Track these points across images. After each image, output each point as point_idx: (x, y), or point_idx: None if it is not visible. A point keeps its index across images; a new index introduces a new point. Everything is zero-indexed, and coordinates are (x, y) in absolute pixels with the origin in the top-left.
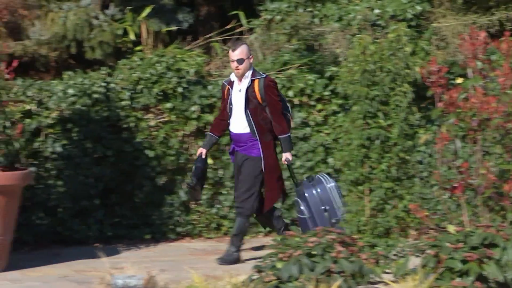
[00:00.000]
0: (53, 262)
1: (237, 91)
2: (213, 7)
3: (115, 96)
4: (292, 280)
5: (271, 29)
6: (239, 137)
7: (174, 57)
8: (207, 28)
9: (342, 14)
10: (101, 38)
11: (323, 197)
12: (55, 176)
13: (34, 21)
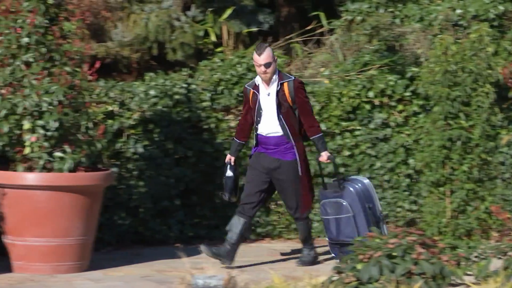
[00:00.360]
0: (134, 262)
1: (265, 95)
2: (294, 8)
3: (196, 97)
4: (372, 282)
5: (352, 29)
6: (270, 140)
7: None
8: (288, 29)
9: (423, 14)
10: (183, 40)
11: (366, 194)
12: (137, 176)
13: (117, 23)
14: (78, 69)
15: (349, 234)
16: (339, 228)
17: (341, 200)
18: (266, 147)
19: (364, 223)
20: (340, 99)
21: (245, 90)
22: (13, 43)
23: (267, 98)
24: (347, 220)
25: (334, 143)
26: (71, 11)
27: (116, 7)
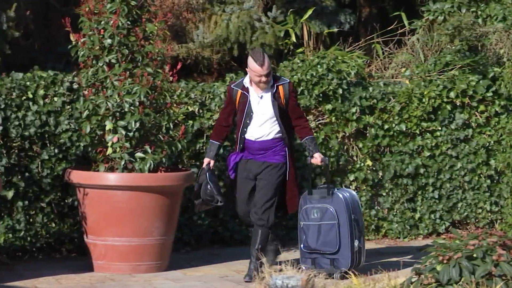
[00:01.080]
0: (213, 262)
1: (257, 98)
2: (375, 8)
3: None
4: (452, 283)
5: (433, 30)
6: (259, 144)
7: (335, 59)
8: (368, 30)
9: (506, 14)
10: (263, 40)
11: (353, 205)
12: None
13: (198, 24)
14: (160, 70)
15: (329, 244)
16: (319, 236)
17: (328, 206)
18: (253, 152)
19: (347, 235)
20: (421, 99)
21: (231, 90)
22: (96, 45)
23: (260, 100)
24: (330, 227)
25: (414, 143)
26: (153, 12)
27: (198, 8)
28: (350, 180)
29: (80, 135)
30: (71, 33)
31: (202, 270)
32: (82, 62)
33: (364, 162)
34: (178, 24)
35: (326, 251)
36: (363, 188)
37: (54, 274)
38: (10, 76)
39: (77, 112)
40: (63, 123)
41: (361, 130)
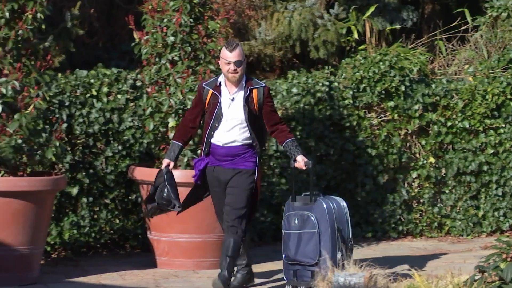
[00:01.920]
0: (275, 259)
1: (228, 100)
2: (438, 5)
3: (338, 95)
4: None
5: (497, 26)
6: (227, 150)
7: (398, 56)
8: (431, 26)
9: None
10: (325, 37)
11: (338, 215)
12: (278, 174)
13: (260, 22)
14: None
15: (308, 254)
16: (299, 245)
17: (309, 213)
18: (220, 158)
19: (328, 245)
20: (484, 96)
21: (202, 88)
22: (159, 42)
23: (231, 103)
24: (310, 236)
25: (477, 140)
26: (215, 10)
27: (260, 5)
28: (412, 178)
29: (144, 132)
30: (134, 31)
31: (265, 266)
32: (145, 60)
33: (426, 160)
34: (240, 22)
35: (306, 262)
36: (425, 185)
37: (118, 270)
38: (74, 74)
39: (140, 109)
40: (126, 120)
41: (424, 127)
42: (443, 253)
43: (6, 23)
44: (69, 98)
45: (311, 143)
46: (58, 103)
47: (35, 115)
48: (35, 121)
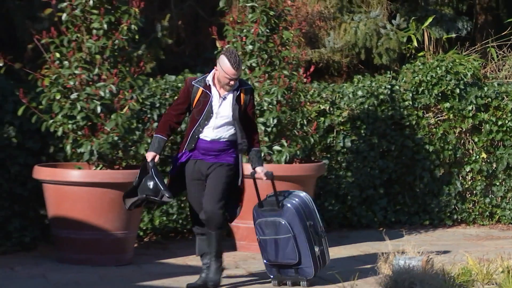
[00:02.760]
0: (342, 244)
1: (219, 98)
2: (490, 16)
3: (398, 97)
4: None
5: None
6: (214, 145)
7: (453, 62)
8: (484, 35)
9: None
10: (388, 45)
11: (306, 210)
12: (345, 168)
13: (329, 31)
14: (295, 72)
15: (289, 256)
16: (277, 250)
17: (279, 219)
18: (206, 153)
19: (305, 244)
20: None
21: (191, 86)
22: (238, 50)
23: (222, 102)
24: (287, 240)
25: None
26: (289, 21)
27: (329, 17)
28: (466, 171)
29: None
30: (217, 40)
31: (333, 250)
32: None
33: (479, 155)
34: (311, 32)
35: (288, 262)
36: (478, 178)
37: None
38: (164, 79)
39: None
40: None
41: (477, 126)
42: (494, 239)
43: (104, 33)
44: (159, 100)
45: (374, 140)
46: (150, 105)
47: (130, 115)
48: (129, 120)
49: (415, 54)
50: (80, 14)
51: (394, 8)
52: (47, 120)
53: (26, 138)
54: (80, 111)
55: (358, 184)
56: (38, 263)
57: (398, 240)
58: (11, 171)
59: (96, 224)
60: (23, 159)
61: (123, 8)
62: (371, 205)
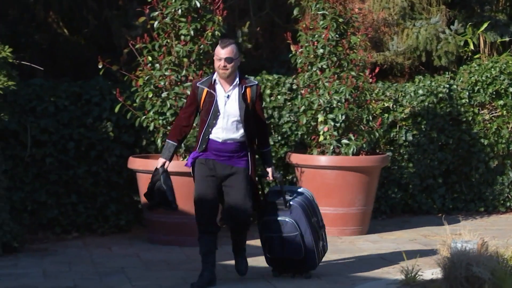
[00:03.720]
0: (404, 228)
1: (223, 97)
2: None
3: (456, 95)
4: None
5: None
6: (226, 146)
7: (506, 63)
8: None
9: None
10: (446, 49)
11: (309, 208)
12: (407, 159)
13: (393, 36)
14: (362, 73)
15: (294, 251)
16: (283, 246)
17: (287, 219)
18: (218, 154)
19: (310, 240)
20: None
21: (196, 87)
22: (310, 54)
23: (226, 100)
24: (294, 238)
25: None
26: (357, 27)
27: (393, 23)
28: None
29: (298, 125)
30: (291, 44)
31: (395, 234)
32: (299, 68)
33: None
34: (376, 36)
35: (293, 257)
36: None
37: None
38: None
39: (295, 107)
40: (284, 116)
41: None
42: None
43: (191, 39)
44: None
45: (434, 135)
46: None
47: None
48: None
49: (472, 56)
50: (170, 22)
51: (452, 15)
52: (140, 116)
53: (121, 132)
54: (169, 108)
55: (419, 174)
56: (132, 244)
57: (455, 225)
58: (108, 162)
59: (183, 209)
60: (119, 151)
61: (208, 16)
62: (430, 193)
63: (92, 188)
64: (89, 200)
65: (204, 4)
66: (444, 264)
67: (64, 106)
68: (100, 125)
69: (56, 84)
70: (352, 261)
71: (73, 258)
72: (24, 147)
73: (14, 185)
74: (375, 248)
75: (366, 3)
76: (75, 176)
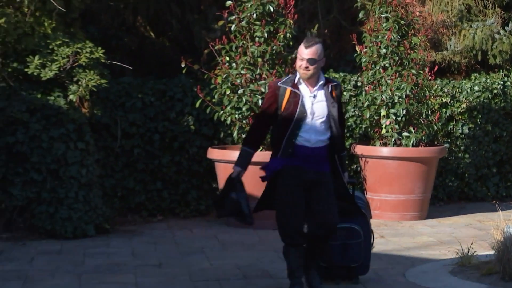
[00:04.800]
0: (460, 214)
1: (310, 97)
2: None
3: (509, 91)
4: None
5: None
6: (314, 150)
7: None
8: None
9: None
10: (501, 48)
11: (368, 212)
12: (463, 151)
13: (451, 37)
14: (421, 71)
15: (353, 259)
16: (345, 254)
17: (354, 226)
18: (306, 159)
19: (369, 245)
20: None
21: (277, 87)
22: (374, 53)
23: (313, 100)
24: (357, 245)
25: None
26: (417, 29)
27: (451, 25)
28: None
29: (362, 119)
30: (356, 45)
31: (452, 219)
32: (364, 66)
33: None
34: (435, 37)
35: (351, 264)
36: None
37: None
38: None
39: (360, 102)
40: (350, 111)
41: None
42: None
43: (265, 41)
44: None
45: (488, 128)
46: None
47: None
48: None
49: None
50: (246, 25)
51: (506, 16)
52: (219, 111)
53: (201, 125)
54: (245, 103)
55: (474, 164)
56: (211, 226)
57: (508, 211)
58: (189, 152)
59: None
60: (199, 142)
61: (280, 20)
62: (485, 181)
63: (175, 176)
64: (172, 187)
65: (277, 9)
66: (497, 247)
67: (150, 102)
68: (182, 119)
69: (143, 82)
70: (411, 244)
71: (158, 238)
72: (115, 139)
73: (105, 173)
74: (433, 232)
75: (426, 7)
76: (160, 165)
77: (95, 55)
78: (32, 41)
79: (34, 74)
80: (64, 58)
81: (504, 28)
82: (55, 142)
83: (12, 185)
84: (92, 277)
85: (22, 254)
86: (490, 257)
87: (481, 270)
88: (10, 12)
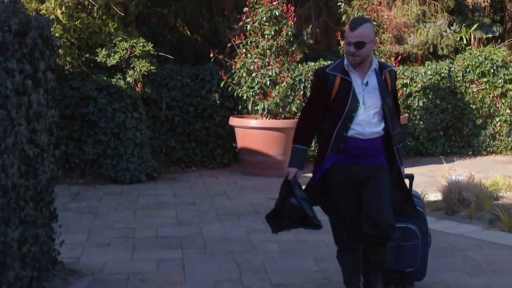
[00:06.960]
0: (415, 166)
1: (361, 84)
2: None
3: (453, 75)
4: None
5: None
6: (371, 143)
7: (489, 52)
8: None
9: None
10: (447, 43)
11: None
12: (418, 119)
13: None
14: (388, 60)
15: (408, 262)
16: (399, 257)
17: (411, 226)
18: (359, 154)
19: (426, 248)
20: None
21: (325, 74)
22: None
23: (365, 88)
24: (413, 247)
25: None
26: (385, 28)
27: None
28: (496, 121)
29: None
30: (340, 40)
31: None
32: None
33: (505, 111)
34: (399, 34)
35: (405, 269)
36: (504, 125)
37: None
38: (307, 64)
39: None
40: None
41: (504, 92)
42: None
43: (272, 37)
44: (304, 77)
45: (437, 102)
46: (298, 80)
47: (286, 87)
48: (286, 89)
49: (465, 48)
50: (258, 25)
51: (452, 19)
52: (237, 89)
53: (225, 100)
54: (256, 83)
55: (427, 129)
56: (231, 175)
57: (451, 164)
58: (216, 120)
59: (265, 152)
60: (223, 112)
61: (283, 21)
62: (434, 141)
63: (205, 137)
64: (203, 146)
65: (281, 13)
66: (443, 190)
67: (187, 83)
68: (210, 95)
69: (181, 68)
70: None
71: (192, 184)
72: (160, 110)
73: (154, 135)
74: None
75: (392, 11)
76: (194, 129)
77: (146, 48)
78: (100, 37)
79: (102, 62)
80: (123, 50)
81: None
82: (117, 112)
83: (85, 144)
84: (144, 212)
85: (93, 195)
86: (438, 197)
87: (431, 207)
88: (83, 16)
